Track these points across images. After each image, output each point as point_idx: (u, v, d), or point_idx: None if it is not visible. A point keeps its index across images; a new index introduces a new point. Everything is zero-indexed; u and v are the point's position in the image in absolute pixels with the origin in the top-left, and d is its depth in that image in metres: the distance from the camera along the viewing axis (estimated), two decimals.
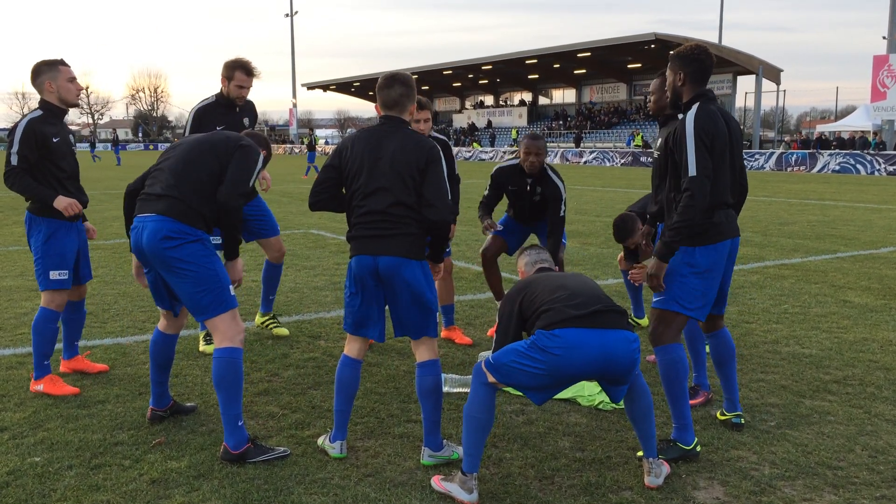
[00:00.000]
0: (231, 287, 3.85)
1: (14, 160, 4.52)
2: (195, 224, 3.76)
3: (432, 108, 5.34)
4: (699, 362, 4.56)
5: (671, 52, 3.98)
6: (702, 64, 3.80)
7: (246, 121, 5.73)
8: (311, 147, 32.79)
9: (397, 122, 3.74)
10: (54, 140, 4.60)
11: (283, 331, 6.03)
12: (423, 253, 3.69)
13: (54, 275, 4.62)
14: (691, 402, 4.45)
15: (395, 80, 3.73)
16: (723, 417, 4.19)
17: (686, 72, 3.82)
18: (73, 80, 4.69)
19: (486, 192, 5.99)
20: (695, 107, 3.74)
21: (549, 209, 5.73)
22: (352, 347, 3.83)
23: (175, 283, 3.77)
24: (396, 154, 3.63)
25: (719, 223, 3.77)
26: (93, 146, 57.24)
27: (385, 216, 3.62)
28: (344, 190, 3.80)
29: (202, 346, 5.55)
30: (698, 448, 3.77)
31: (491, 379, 3.39)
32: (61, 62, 4.68)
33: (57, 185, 4.64)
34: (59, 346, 5.19)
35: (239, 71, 5.47)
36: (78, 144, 5.38)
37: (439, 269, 3.84)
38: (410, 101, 3.77)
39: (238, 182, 3.84)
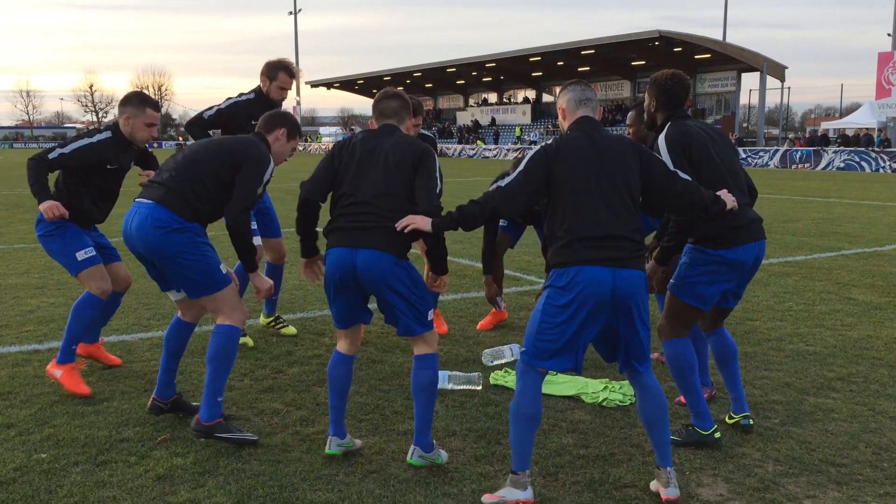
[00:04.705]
0: (223, 267, 3.95)
1: (54, 155, 4.52)
2: (183, 215, 3.86)
3: (423, 113, 5.36)
4: (700, 361, 4.55)
5: (650, 77, 4.20)
6: (674, 95, 4.04)
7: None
8: None
9: (394, 127, 3.83)
10: (108, 167, 4.66)
11: (292, 330, 6.05)
12: (405, 252, 3.63)
13: (81, 255, 4.62)
14: None
15: (392, 94, 3.92)
16: (731, 420, 4.14)
17: (659, 100, 4.06)
18: (151, 125, 4.69)
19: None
20: (667, 126, 3.93)
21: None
22: (343, 343, 3.81)
23: (165, 268, 3.92)
24: (389, 150, 3.68)
25: (739, 227, 3.79)
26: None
27: (369, 208, 3.58)
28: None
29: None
30: (717, 435, 3.77)
31: (531, 366, 3.29)
32: (151, 104, 4.70)
33: (85, 197, 4.65)
34: None
35: (283, 72, 5.51)
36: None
37: (441, 281, 3.84)
38: (407, 115, 3.91)
39: (243, 197, 3.95)
